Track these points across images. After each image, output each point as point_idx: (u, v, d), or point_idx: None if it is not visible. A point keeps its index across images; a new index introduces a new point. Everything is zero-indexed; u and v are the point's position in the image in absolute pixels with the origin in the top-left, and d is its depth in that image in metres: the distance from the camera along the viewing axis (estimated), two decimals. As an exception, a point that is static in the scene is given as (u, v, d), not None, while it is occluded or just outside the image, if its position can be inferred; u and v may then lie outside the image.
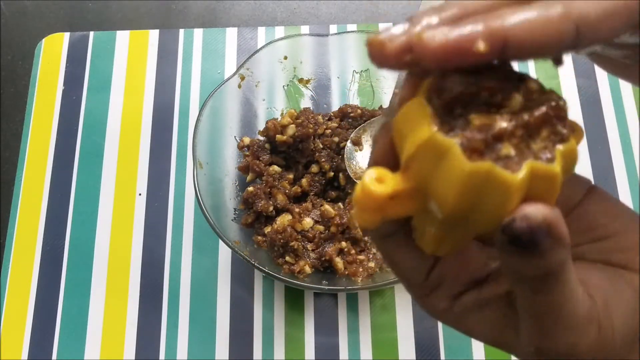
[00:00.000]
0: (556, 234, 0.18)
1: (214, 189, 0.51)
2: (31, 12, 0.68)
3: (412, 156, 0.19)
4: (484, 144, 0.18)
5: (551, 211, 0.18)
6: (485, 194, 0.18)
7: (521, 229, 0.18)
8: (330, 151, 0.54)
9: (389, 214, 0.20)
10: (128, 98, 0.62)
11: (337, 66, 0.57)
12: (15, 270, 0.55)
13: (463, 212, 0.19)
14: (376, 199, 0.19)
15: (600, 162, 0.58)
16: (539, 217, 0.18)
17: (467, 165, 0.17)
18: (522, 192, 0.18)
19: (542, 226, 0.18)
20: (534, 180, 0.18)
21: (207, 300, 0.53)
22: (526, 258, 0.19)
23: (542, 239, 0.18)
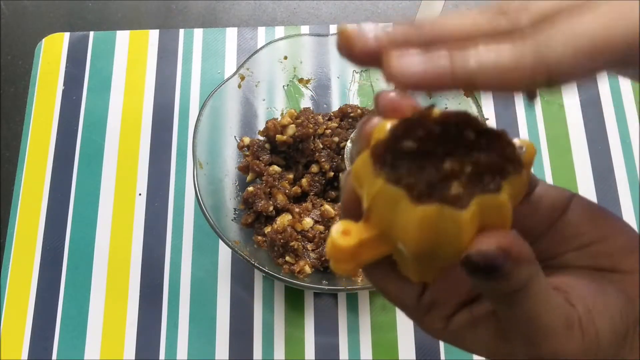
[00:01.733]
0: (515, 256, 0.20)
1: (214, 189, 0.51)
2: (31, 12, 0.68)
3: (370, 206, 0.20)
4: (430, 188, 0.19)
5: (505, 237, 0.20)
6: (441, 232, 0.19)
7: (478, 261, 0.19)
8: (330, 151, 0.54)
9: (363, 260, 0.21)
10: (128, 98, 0.62)
11: (337, 66, 0.57)
12: (15, 270, 0.55)
13: (427, 250, 0.20)
14: (345, 251, 0.20)
15: (600, 162, 0.58)
16: (492, 247, 0.19)
17: (417, 210, 0.19)
18: (475, 224, 0.20)
19: (498, 254, 0.19)
20: (485, 210, 0.19)
21: (207, 300, 0.53)
22: (492, 281, 0.20)
23: (501, 264, 0.19)
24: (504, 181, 0.20)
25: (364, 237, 0.21)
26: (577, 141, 0.59)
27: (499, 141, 0.20)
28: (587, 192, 0.56)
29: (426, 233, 0.19)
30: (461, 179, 0.20)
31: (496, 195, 0.19)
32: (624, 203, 0.56)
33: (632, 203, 0.56)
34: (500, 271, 0.20)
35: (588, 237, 0.24)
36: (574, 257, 0.24)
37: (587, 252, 0.24)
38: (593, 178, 0.57)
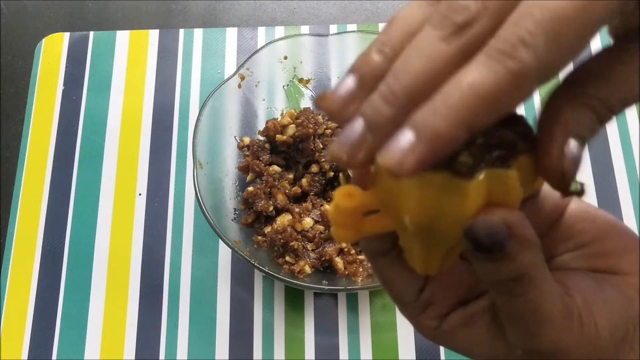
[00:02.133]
0: (520, 235, 0.19)
1: (214, 189, 0.51)
2: (31, 12, 0.68)
3: (376, 172, 0.20)
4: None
5: (511, 214, 0.19)
6: (444, 201, 0.18)
7: (481, 232, 0.18)
8: (330, 151, 0.54)
9: (364, 231, 0.21)
10: (128, 98, 0.62)
11: (337, 66, 0.57)
12: (15, 270, 0.55)
13: (427, 223, 0.19)
14: (347, 213, 0.20)
15: (600, 162, 0.58)
16: (497, 220, 0.18)
17: (421, 176, 0.18)
18: (480, 197, 0.19)
19: (502, 228, 0.18)
20: (493, 186, 0.18)
21: (207, 300, 0.53)
22: (495, 263, 0.19)
23: (506, 241, 0.18)
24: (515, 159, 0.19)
25: (367, 201, 0.20)
26: (577, 141, 0.59)
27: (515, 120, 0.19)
28: (587, 192, 0.56)
29: (427, 199, 0.19)
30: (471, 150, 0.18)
31: (506, 170, 0.18)
32: (624, 203, 0.56)
33: (632, 203, 0.56)
34: (505, 250, 0.19)
35: (585, 237, 0.24)
36: (571, 258, 0.24)
37: (584, 252, 0.24)
38: (593, 178, 0.57)
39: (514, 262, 0.19)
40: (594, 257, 0.23)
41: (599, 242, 0.24)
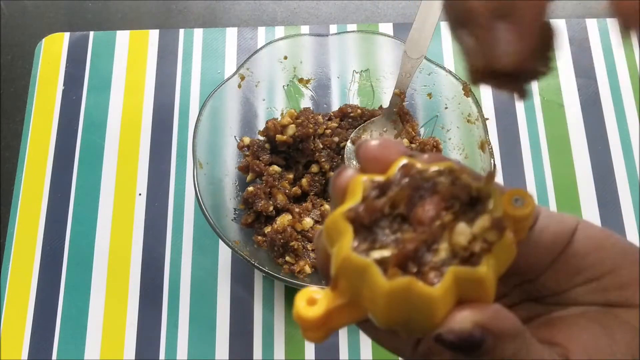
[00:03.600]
0: (496, 331, 0.18)
1: (214, 189, 0.51)
2: (31, 12, 0.68)
3: (338, 273, 0.19)
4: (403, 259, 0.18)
5: (483, 312, 0.18)
6: (412, 307, 0.18)
7: (452, 339, 0.18)
8: (330, 151, 0.54)
9: (333, 326, 0.20)
10: (128, 98, 0.62)
11: (337, 66, 0.57)
12: (15, 270, 0.55)
13: (398, 324, 0.19)
14: (313, 322, 0.19)
15: (600, 162, 0.58)
16: (467, 325, 0.18)
17: (386, 284, 0.18)
18: (450, 298, 0.18)
19: (475, 330, 0.18)
20: (462, 283, 0.18)
21: (207, 300, 0.53)
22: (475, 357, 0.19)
23: (480, 339, 0.18)
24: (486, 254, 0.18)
25: (331, 307, 0.19)
26: (577, 141, 0.59)
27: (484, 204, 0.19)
28: (587, 192, 0.56)
29: (395, 308, 0.18)
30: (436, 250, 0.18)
31: (474, 268, 0.18)
32: (624, 203, 0.56)
33: (632, 203, 0.56)
34: (480, 349, 0.18)
35: (596, 269, 0.22)
36: (582, 292, 0.22)
37: (596, 286, 0.22)
38: (593, 178, 0.57)
39: (495, 355, 0.19)
40: (607, 290, 0.22)
41: (612, 275, 0.22)
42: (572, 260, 0.22)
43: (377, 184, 0.19)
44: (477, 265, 0.18)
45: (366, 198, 0.19)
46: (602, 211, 0.56)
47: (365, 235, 0.19)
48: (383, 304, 0.18)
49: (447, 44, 0.63)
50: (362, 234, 0.19)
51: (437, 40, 0.63)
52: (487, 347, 0.18)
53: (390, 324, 0.19)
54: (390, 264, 0.18)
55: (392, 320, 0.19)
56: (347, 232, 0.19)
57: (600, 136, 0.59)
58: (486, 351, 0.18)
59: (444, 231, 0.18)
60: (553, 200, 0.56)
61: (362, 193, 0.19)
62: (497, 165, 0.53)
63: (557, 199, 0.56)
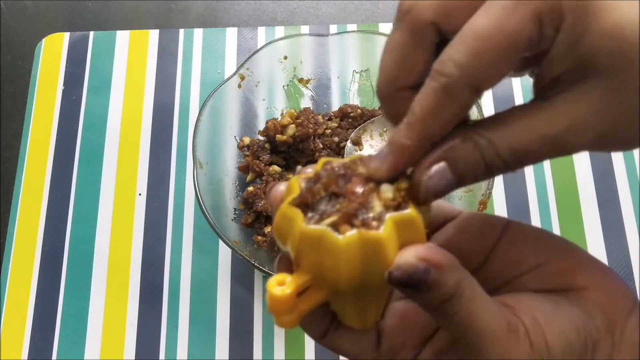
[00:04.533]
0: (436, 262, 0.20)
1: (214, 189, 0.51)
2: (31, 12, 0.68)
3: (297, 253, 0.22)
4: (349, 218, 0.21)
5: (421, 248, 0.21)
6: (367, 255, 0.21)
7: (400, 277, 0.20)
8: (330, 151, 0.54)
9: (303, 309, 0.22)
10: (128, 98, 0.62)
11: (337, 66, 0.57)
12: (15, 270, 0.55)
13: (359, 280, 0.21)
14: (284, 301, 0.21)
15: (600, 162, 0.58)
16: (411, 259, 0.20)
17: (340, 241, 0.20)
18: (395, 242, 0.21)
19: (420, 263, 0.20)
20: (401, 227, 0.21)
21: (207, 300, 0.53)
22: (425, 293, 0.21)
23: (425, 275, 0.20)
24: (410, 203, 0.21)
25: (299, 283, 0.22)
26: (577, 141, 0.59)
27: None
28: (587, 192, 0.56)
29: (353, 261, 0.21)
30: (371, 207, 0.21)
31: (405, 212, 0.21)
32: (624, 203, 0.56)
33: (632, 203, 0.56)
34: (426, 282, 0.20)
35: (535, 258, 0.24)
36: (529, 280, 0.24)
37: (539, 273, 0.24)
38: (593, 178, 0.57)
39: (439, 287, 0.20)
40: (550, 276, 0.24)
41: (553, 262, 0.24)
42: (512, 249, 0.24)
43: (309, 178, 0.22)
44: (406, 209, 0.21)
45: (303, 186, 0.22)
46: (602, 211, 0.56)
47: (311, 214, 0.21)
48: (343, 261, 0.21)
49: (447, 44, 0.63)
50: (308, 214, 0.21)
51: (437, 40, 0.63)
52: (432, 279, 0.20)
53: (352, 283, 0.21)
54: (340, 225, 0.21)
55: (353, 276, 0.21)
56: (297, 215, 0.21)
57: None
58: (432, 284, 0.20)
59: (372, 193, 0.21)
60: (553, 200, 0.56)
61: (299, 188, 0.22)
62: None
63: (557, 199, 0.56)
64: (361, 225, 0.21)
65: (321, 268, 0.21)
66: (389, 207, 0.21)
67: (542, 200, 0.56)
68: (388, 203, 0.21)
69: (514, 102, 0.60)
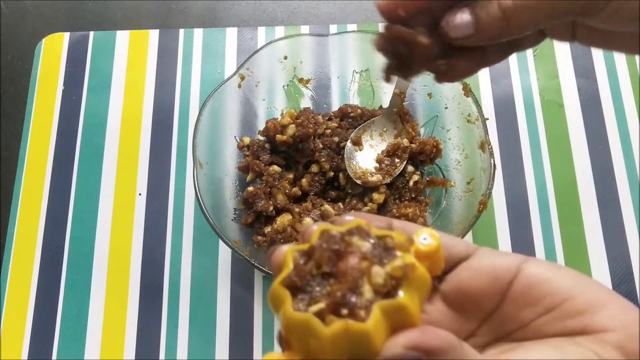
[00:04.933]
0: (426, 347, 0.20)
1: (214, 189, 0.51)
2: (31, 12, 0.68)
3: (287, 335, 0.22)
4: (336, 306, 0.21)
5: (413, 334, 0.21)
6: (353, 345, 0.21)
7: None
8: (330, 151, 0.54)
9: None
10: (128, 98, 0.62)
11: (337, 66, 0.57)
12: (15, 270, 0.55)
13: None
14: None
15: (600, 162, 0.58)
16: (398, 349, 0.20)
17: (326, 330, 0.21)
18: (384, 329, 0.21)
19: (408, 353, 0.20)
20: (390, 314, 0.21)
21: (207, 300, 0.53)
22: None
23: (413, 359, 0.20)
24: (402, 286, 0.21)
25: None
26: (577, 141, 0.59)
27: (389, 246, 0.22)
28: (587, 192, 0.56)
29: (341, 349, 0.21)
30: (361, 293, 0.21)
31: (394, 299, 0.21)
32: (624, 203, 0.56)
33: (632, 203, 0.56)
34: None
35: (553, 298, 0.23)
36: (544, 322, 0.24)
37: (555, 314, 0.23)
38: (593, 178, 0.57)
39: None
40: (565, 318, 0.23)
41: (568, 302, 0.23)
42: (527, 291, 0.24)
43: (303, 252, 0.23)
44: (396, 297, 0.21)
45: (296, 265, 0.23)
46: (602, 211, 0.56)
47: (302, 295, 0.22)
48: (329, 348, 0.21)
49: (447, 44, 0.63)
50: (298, 295, 0.22)
51: (437, 40, 0.63)
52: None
53: None
54: (326, 313, 0.21)
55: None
56: (286, 297, 0.22)
57: (600, 136, 0.59)
58: None
59: (363, 276, 0.22)
60: (553, 200, 0.56)
61: (292, 262, 0.23)
62: (497, 165, 0.53)
63: (557, 199, 0.56)
64: (348, 315, 0.21)
65: (309, 351, 0.22)
66: (379, 292, 0.21)
67: (542, 200, 0.56)
68: (378, 288, 0.21)
69: (514, 102, 0.60)
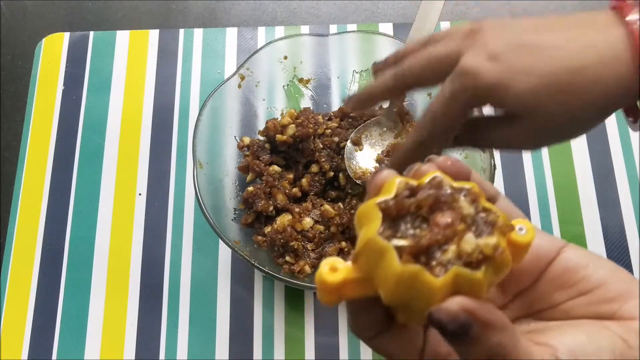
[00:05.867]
0: (482, 319, 0.20)
1: (214, 189, 0.51)
2: (31, 12, 0.68)
3: (360, 251, 0.22)
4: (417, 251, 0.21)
5: (472, 302, 0.20)
6: (415, 291, 0.21)
7: (443, 319, 0.20)
8: (330, 151, 0.54)
9: (345, 296, 0.23)
10: (128, 98, 0.62)
11: (337, 66, 0.57)
12: (15, 270, 0.55)
13: (401, 303, 0.22)
14: (330, 286, 0.22)
15: (600, 162, 0.58)
16: (454, 307, 0.20)
17: (399, 267, 0.21)
18: (446, 290, 0.21)
19: (463, 315, 0.20)
20: (460, 281, 0.21)
21: (207, 300, 0.53)
22: (464, 345, 0.21)
23: (466, 324, 0.20)
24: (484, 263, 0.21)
25: (348, 277, 0.22)
26: (577, 141, 0.59)
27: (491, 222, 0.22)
28: (587, 192, 0.56)
29: (401, 289, 0.21)
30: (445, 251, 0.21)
31: (473, 272, 0.21)
32: (624, 203, 0.56)
33: (632, 203, 0.56)
34: (468, 334, 0.20)
35: (587, 283, 0.24)
36: (575, 305, 0.24)
37: (587, 299, 0.24)
38: (593, 178, 0.57)
39: (481, 344, 0.20)
40: (597, 303, 0.24)
41: (601, 289, 0.24)
42: (564, 274, 0.25)
43: (410, 186, 0.22)
44: (476, 270, 0.21)
45: (398, 195, 0.22)
46: (602, 211, 0.56)
47: (390, 225, 0.22)
48: (392, 283, 0.21)
49: (447, 44, 0.63)
50: (387, 223, 0.22)
51: (437, 40, 0.63)
52: (473, 334, 0.20)
53: (393, 302, 0.22)
54: (405, 252, 0.21)
55: (396, 298, 0.22)
56: (377, 218, 0.22)
57: (600, 136, 0.59)
58: (473, 338, 0.20)
59: (454, 237, 0.21)
60: (553, 200, 0.56)
61: (396, 191, 0.22)
62: (497, 165, 0.53)
63: (557, 199, 0.56)
64: (424, 264, 0.21)
65: (373, 276, 0.22)
66: (460, 258, 0.21)
67: (542, 200, 0.56)
68: (463, 255, 0.21)
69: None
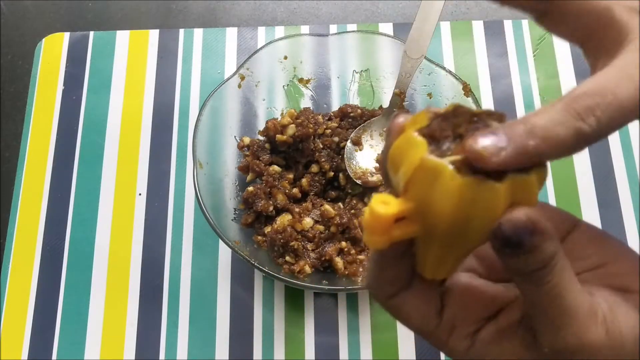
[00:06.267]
0: (540, 229, 0.21)
1: (214, 189, 0.51)
2: (31, 12, 0.68)
3: (410, 179, 0.22)
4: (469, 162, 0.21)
5: (532, 210, 0.21)
6: (477, 203, 0.21)
7: (508, 230, 0.20)
8: (330, 151, 0.54)
9: (395, 236, 0.22)
10: (128, 98, 0.62)
11: (337, 66, 0.57)
12: (15, 270, 0.55)
13: (460, 224, 0.21)
14: (383, 219, 0.21)
15: (600, 162, 0.58)
16: (522, 217, 0.20)
17: (459, 179, 0.20)
18: (507, 198, 0.21)
19: (527, 225, 0.20)
20: (516, 188, 0.21)
21: (207, 300, 0.53)
22: (522, 256, 0.21)
23: (528, 236, 0.20)
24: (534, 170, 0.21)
25: (402, 208, 0.22)
26: (577, 141, 0.59)
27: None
28: (587, 192, 0.56)
29: (463, 205, 0.21)
30: None
31: (528, 175, 0.21)
32: (624, 203, 0.56)
33: (632, 203, 0.56)
34: (528, 244, 0.20)
35: (598, 258, 0.25)
36: (590, 277, 0.25)
37: (600, 272, 0.25)
38: (593, 178, 0.57)
39: (538, 252, 0.21)
40: (609, 276, 0.25)
41: (614, 264, 0.25)
42: (577, 247, 0.26)
43: (440, 114, 0.22)
44: (529, 174, 0.21)
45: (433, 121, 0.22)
46: (602, 211, 0.56)
47: (435, 147, 0.21)
48: (454, 201, 0.21)
49: (447, 44, 0.63)
50: (432, 146, 0.21)
51: (437, 40, 0.63)
52: (532, 243, 0.20)
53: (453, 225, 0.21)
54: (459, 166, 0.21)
55: (457, 219, 0.21)
56: (421, 144, 0.21)
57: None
58: (532, 247, 0.21)
59: None
60: (553, 200, 0.56)
61: (427, 120, 0.22)
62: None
63: (557, 199, 0.56)
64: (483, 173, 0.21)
65: (429, 202, 0.21)
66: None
67: (542, 200, 0.56)
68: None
69: (514, 102, 0.60)
